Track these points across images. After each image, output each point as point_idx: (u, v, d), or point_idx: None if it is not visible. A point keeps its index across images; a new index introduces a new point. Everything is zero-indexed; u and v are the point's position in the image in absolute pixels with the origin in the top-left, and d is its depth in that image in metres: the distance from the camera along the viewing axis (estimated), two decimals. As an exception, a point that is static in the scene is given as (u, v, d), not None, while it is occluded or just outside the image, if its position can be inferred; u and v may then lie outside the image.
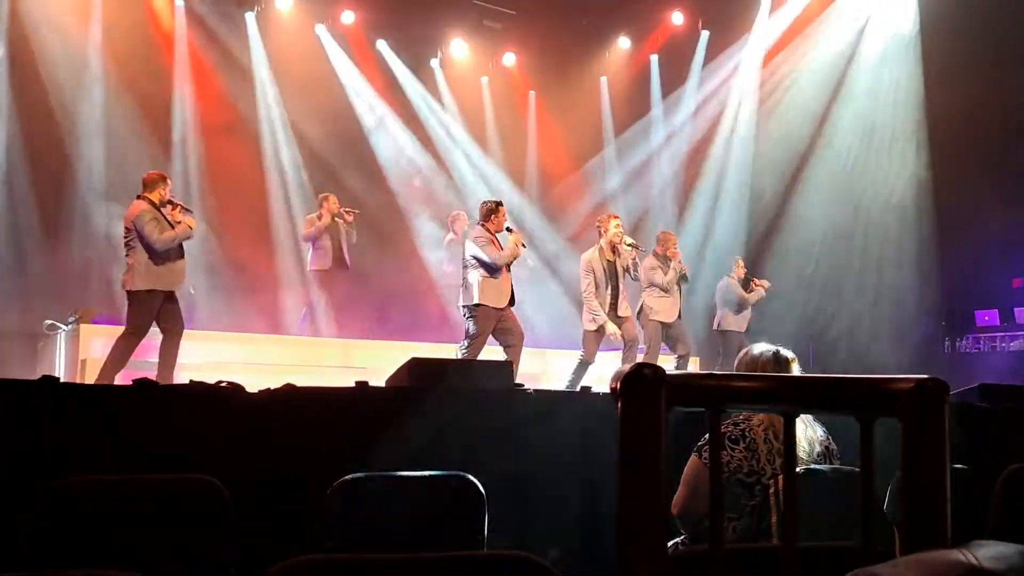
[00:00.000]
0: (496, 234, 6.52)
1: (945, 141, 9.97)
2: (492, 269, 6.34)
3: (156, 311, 5.96)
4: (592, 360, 6.76)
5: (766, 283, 8.63)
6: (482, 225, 6.53)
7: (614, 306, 6.78)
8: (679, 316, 7.52)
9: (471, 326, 6.37)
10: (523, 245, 6.63)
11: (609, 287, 6.77)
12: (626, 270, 6.83)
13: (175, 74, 9.71)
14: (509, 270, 6.51)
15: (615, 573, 0.89)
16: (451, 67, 11.74)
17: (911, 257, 10.15)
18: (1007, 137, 9.23)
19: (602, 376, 7.17)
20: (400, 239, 10.70)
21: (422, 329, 10.00)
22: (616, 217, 7.01)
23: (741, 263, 8.73)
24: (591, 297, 6.73)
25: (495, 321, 6.37)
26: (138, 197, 6.07)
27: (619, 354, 6.96)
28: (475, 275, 6.38)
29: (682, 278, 7.53)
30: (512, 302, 6.48)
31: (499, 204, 6.66)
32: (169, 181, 6.21)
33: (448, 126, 11.60)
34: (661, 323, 7.35)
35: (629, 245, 6.83)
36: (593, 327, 6.70)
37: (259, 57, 10.28)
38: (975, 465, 2.61)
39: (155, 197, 6.04)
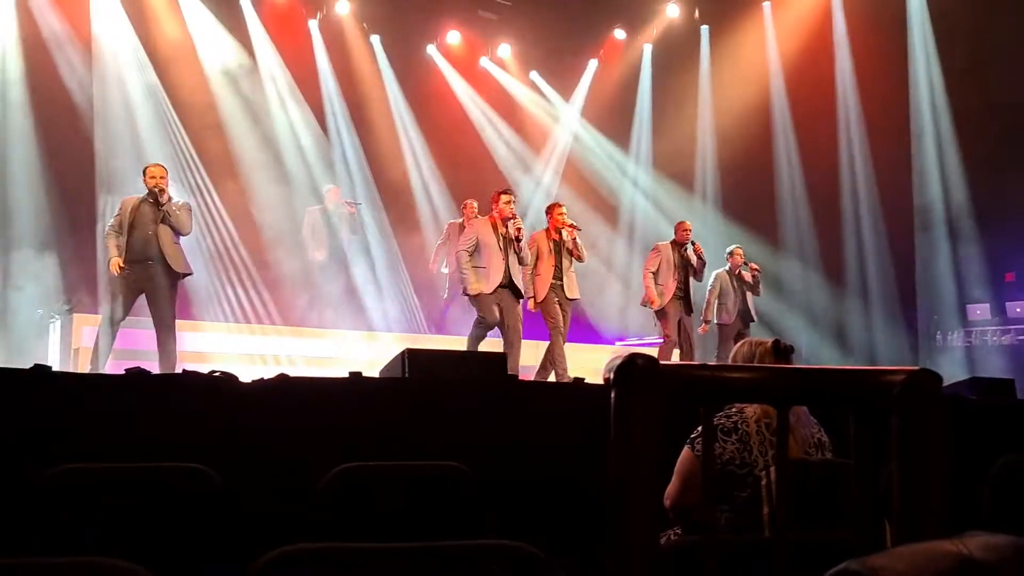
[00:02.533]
0: (507, 221, 6.58)
1: (939, 136, 10.00)
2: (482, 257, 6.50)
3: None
4: (558, 324, 6.77)
5: (756, 266, 8.50)
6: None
7: (558, 280, 6.87)
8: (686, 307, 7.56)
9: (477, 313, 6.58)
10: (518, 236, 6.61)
11: (552, 262, 6.86)
12: (569, 251, 6.90)
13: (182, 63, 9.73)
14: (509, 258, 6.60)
15: (608, 564, 0.90)
16: (447, 57, 11.72)
17: (902, 250, 10.18)
18: (998, 133, 9.26)
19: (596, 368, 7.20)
20: (398, 230, 10.73)
21: (416, 320, 10.02)
22: (561, 205, 7.16)
23: (739, 252, 8.57)
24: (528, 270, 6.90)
25: (496, 309, 6.46)
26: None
27: (626, 348, 6.98)
28: (468, 263, 6.52)
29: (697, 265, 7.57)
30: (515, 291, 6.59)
31: (502, 192, 6.73)
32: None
33: (449, 112, 11.62)
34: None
35: (570, 227, 6.93)
36: (540, 295, 6.81)
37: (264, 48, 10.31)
38: (965, 458, 2.63)
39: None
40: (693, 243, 7.72)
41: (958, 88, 9.64)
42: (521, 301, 6.65)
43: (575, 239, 6.90)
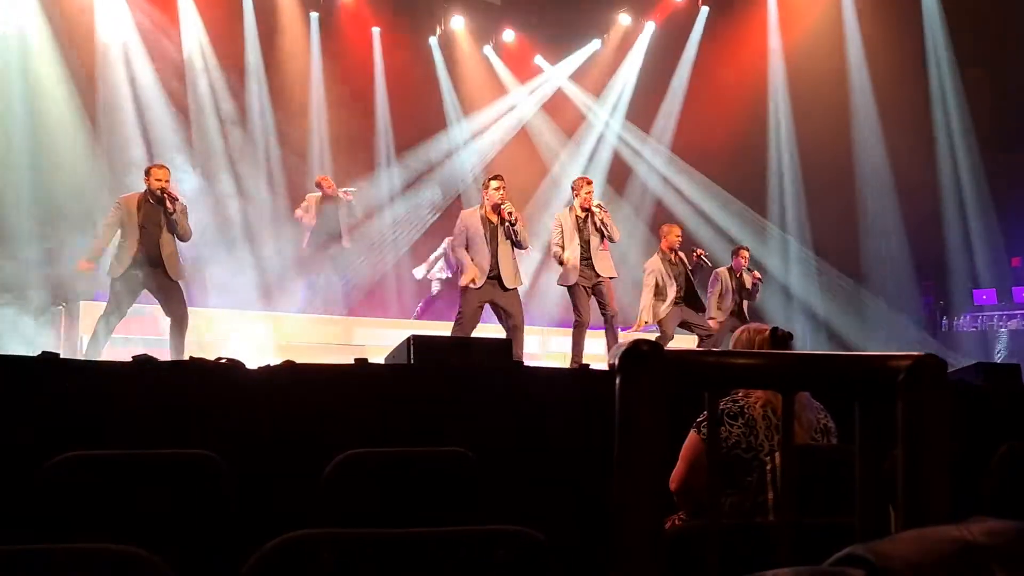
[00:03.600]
0: (497, 207, 6.40)
1: (944, 121, 9.94)
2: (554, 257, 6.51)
3: None
4: (583, 319, 6.54)
5: (758, 274, 8.37)
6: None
7: (587, 259, 6.56)
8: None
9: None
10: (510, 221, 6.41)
11: (578, 241, 6.57)
12: (598, 229, 6.60)
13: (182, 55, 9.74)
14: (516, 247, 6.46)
15: (612, 549, 0.90)
16: (451, 44, 11.67)
17: (909, 235, 10.14)
18: (1007, 117, 9.20)
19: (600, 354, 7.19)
20: (400, 221, 10.76)
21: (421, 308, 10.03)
22: (590, 183, 6.81)
23: (745, 254, 8.41)
24: (557, 249, 6.59)
25: (477, 311, 6.37)
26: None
27: (628, 334, 6.85)
28: (465, 256, 6.39)
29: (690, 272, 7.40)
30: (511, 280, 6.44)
31: (492, 178, 6.56)
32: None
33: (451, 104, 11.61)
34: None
35: (598, 207, 6.65)
36: (570, 280, 6.55)
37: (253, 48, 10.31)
38: (970, 443, 2.63)
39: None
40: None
41: (970, 71, 9.58)
42: (515, 289, 6.38)
43: (604, 220, 6.59)
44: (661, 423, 0.90)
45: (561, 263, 6.58)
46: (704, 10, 11.62)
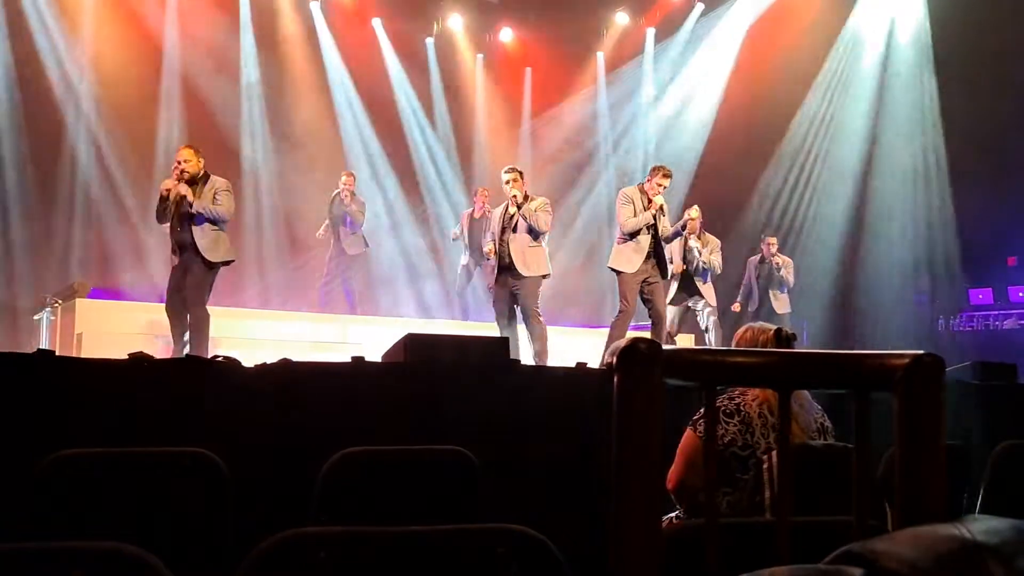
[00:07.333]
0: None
1: (945, 121, 9.97)
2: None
3: None
4: (629, 309, 6.13)
5: (780, 258, 8.26)
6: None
7: (651, 255, 6.18)
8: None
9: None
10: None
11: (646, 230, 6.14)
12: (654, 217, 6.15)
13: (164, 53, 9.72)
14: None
15: (610, 547, 0.90)
16: (447, 43, 11.66)
17: (906, 234, 10.16)
18: (1004, 117, 9.22)
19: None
20: (398, 218, 10.76)
21: (420, 306, 10.04)
22: (661, 170, 6.22)
23: (772, 241, 8.28)
24: (629, 226, 6.09)
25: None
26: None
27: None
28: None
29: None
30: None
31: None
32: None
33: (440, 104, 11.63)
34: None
35: (660, 206, 6.14)
36: (629, 268, 6.12)
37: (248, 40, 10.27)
38: (967, 441, 2.63)
39: None
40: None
41: (957, 70, 9.61)
42: (529, 279, 6.03)
43: (656, 216, 6.11)
44: (658, 420, 0.90)
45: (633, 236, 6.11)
46: (699, 7, 11.63)
